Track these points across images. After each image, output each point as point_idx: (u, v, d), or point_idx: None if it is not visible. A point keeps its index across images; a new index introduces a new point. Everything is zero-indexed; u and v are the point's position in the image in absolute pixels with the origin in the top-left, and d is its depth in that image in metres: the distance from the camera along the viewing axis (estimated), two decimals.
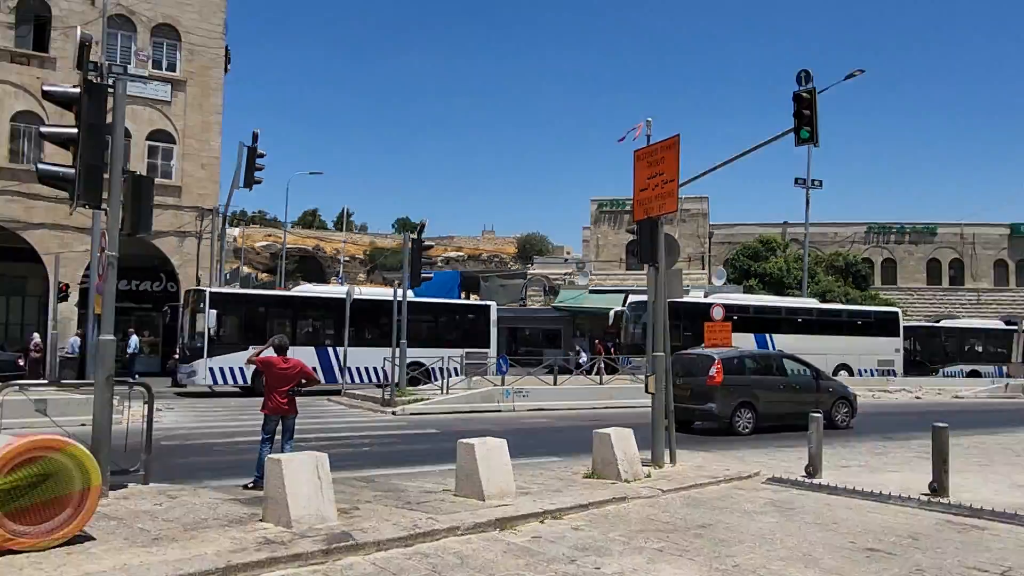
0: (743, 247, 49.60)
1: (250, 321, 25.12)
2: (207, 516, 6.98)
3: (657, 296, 11.07)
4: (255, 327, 24.34)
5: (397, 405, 20.27)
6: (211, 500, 7.80)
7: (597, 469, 9.66)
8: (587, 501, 8.09)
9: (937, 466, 9.09)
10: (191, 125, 31.56)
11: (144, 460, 8.60)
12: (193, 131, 31.66)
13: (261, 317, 25.45)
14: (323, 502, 6.71)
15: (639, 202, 10.94)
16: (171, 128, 31.13)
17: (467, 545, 6.46)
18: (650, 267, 11.14)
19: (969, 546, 6.67)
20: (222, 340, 23.48)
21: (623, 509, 8.07)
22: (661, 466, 10.44)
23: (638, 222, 11.13)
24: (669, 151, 10.48)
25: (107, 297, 7.87)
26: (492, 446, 8.21)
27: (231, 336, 24.08)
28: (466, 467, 8.13)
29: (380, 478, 10.01)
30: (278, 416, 8.96)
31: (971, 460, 12.31)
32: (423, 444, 14.04)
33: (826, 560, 6.16)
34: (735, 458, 12.12)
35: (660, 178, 10.54)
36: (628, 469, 9.47)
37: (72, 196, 7.67)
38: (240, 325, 24.87)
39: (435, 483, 9.24)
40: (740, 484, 9.78)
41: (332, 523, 6.59)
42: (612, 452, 9.52)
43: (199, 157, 31.83)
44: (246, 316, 25.39)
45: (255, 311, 25.84)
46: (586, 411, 21.18)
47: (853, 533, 7.15)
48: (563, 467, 10.70)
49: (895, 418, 21.22)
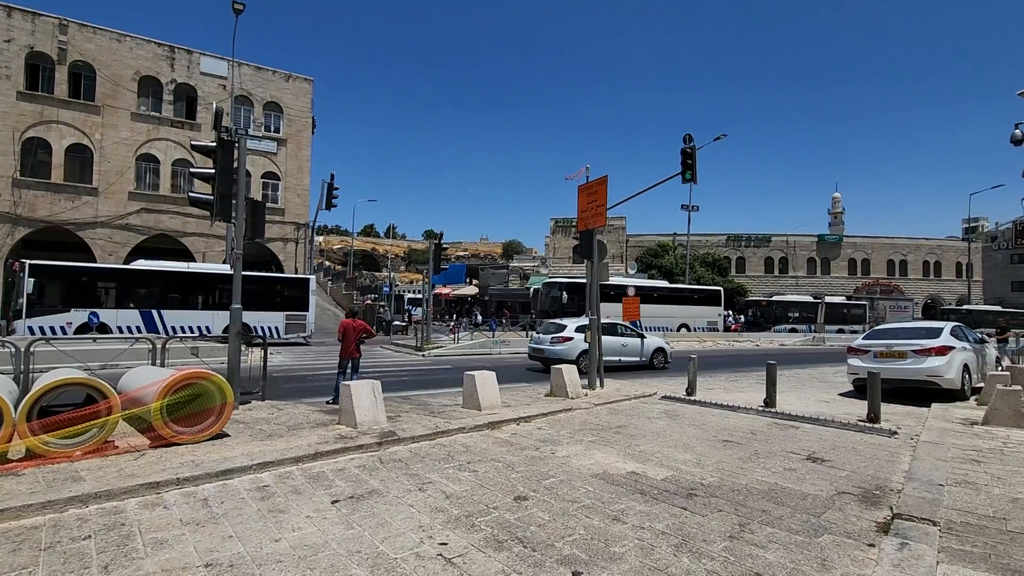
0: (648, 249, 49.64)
1: (72, 288, 19.45)
2: (302, 421, 6.99)
3: (592, 280, 11.08)
4: (79, 293, 19.38)
5: (425, 350, 20.27)
6: (305, 411, 7.80)
7: (553, 390, 9.72)
8: (547, 411, 8.13)
9: (769, 388, 9.21)
10: (290, 168, 31.09)
11: (262, 385, 8.59)
12: (291, 172, 31.17)
13: (83, 285, 19.71)
14: (378, 412, 6.74)
15: (581, 219, 10.93)
16: (277, 170, 30.68)
17: (470, 438, 6.51)
18: (588, 261, 11.18)
19: (788, 439, 6.78)
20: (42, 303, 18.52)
21: (570, 416, 8.12)
22: (594, 389, 10.49)
23: (580, 232, 11.14)
24: (601, 186, 10.45)
25: (236, 280, 7.80)
26: (486, 376, 8.26)
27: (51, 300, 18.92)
28: (469, 389, 8.17)
29: (414, 397, 10.01)
30: (348, 358, 9.09)
31: (790, 384, 12.44)
32: (442, 375, 14.07)
33: (697, 447, 6.26)
34: (642, 384, 12.13)
35: (595, 203, 10.51)
36: (573, 391, 9.53)
37: (212, 214, 7.58)
38: (62, 291, 19.34)
39: (449, 399, 9.27)
40: (644, 400, 9.82)
41: (384, 426, 6.62)
42: (563, 380, 9.57)
43: (295, 189, 31.36)
44: (68, 284, 19.51)
45: (77, 280, 19.64)
46: None
47: (715, 429, 7.24)
48: (532, 389, 10.76)
49: (742, 359, 21.39)
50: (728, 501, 4.38)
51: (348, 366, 9.12)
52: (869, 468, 5.45)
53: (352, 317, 9.36)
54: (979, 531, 3.69)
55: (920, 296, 53.85)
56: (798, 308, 44.04)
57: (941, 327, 10.63)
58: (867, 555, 3.40)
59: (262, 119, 30.34)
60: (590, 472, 5.14)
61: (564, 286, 29.78)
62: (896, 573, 3.05)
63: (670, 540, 3.58)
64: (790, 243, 55.30)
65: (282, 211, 30.69)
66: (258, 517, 3.90)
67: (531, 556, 3.32)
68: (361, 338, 9.24)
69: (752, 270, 54.39)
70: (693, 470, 5.27)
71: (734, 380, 13.65)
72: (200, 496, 4.32)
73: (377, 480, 4.80)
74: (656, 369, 16.39)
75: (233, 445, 5.60)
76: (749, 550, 3.45)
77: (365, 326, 9.39)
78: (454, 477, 4.94)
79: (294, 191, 31.28)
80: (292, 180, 31.20)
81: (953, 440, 6.48)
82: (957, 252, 56.32)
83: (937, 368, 9.69)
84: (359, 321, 9.33)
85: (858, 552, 3.45)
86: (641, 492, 4.57)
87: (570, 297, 28.65)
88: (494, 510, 4.10)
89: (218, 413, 5.79)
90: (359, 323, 9.26)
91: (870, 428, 7.34)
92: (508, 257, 69.35)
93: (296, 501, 4.24)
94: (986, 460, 5.59)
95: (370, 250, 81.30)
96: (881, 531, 3.78)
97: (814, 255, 55.39)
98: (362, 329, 9.25)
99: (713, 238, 54.56)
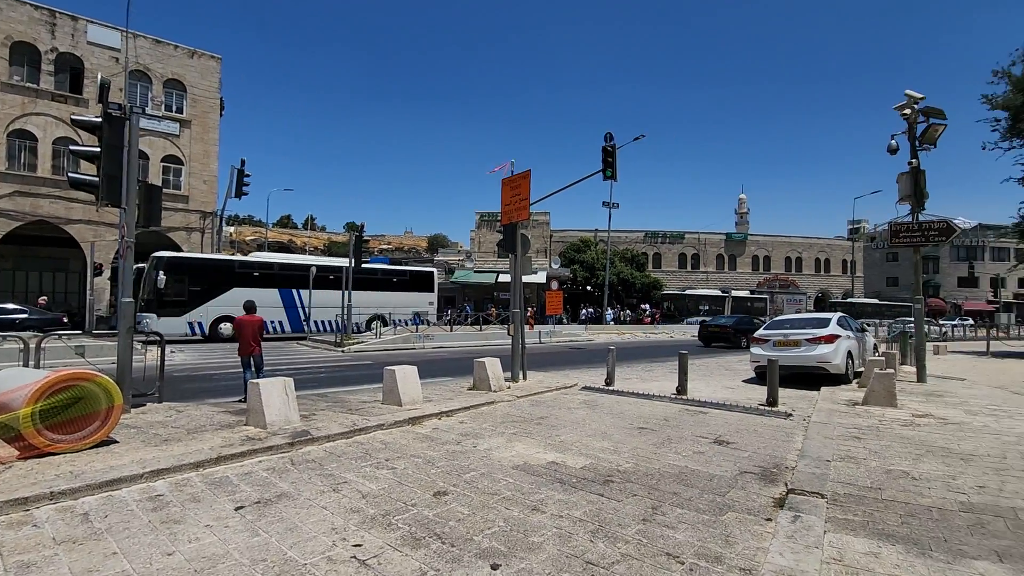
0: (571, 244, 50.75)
1: None
2: (205, 423, 6.47)
3: (515, 273, 11.15)
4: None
5: (345, 346, 19.55)
6: (209, 412, 7.23)
7: (476, 384, 9.66)
8: (469, 404, 8.06)
9: (681, 377, 9.69)
10: (195, 152, 28.71)
11: (158, 386, 7.87)
12: (197, 156, 28.80)
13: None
14: (290, 411, 6.38)
15: (505, 212, 10.94)
16: (180, 153, 28.24)
17: (389, 436, 6.31)
18: (512, 255, 11.23)
19: (697, 424, 7.14)
20: None
21: (492, 409, 8.10)
22: (517, 381, 10.58)
23: (504, 226, 11.15)
24: (524, 180, 10.51)
25: (126, 272, 7.07)
26: (407, 370, 8.04)
27: None
28: (389, 385, 7.93)
29: (331, 394, 9.61)
30: (248, 355, 8.62)
31: (700, 373, 13.19)
32: (362, 371, 13.61)
33: (615, 435, 6.45)
34: (563, 375, 12.40)
35: (518, 197, 10.55)
36: (496, 384, 9.54)
37: (97, 197, 6.83)
38: None
39: (370, 396, 8.97)
40: (566, 391, 9.99)
41: (296, 425, 6.27)
42: (486, 373, 9.55)
43: (202, 175, 29.00)
44: None
45: None
46: (471, 348, 21.21)
47: (632, 417, 7.49)
48: (455, 384, 10.62)
49: (658, 350, 22.36)
50: (642, 486, 4.54)
51: (251, 363, 8.60)
52: (768, 448, 5.87)
53: (249, 312, 8.80)
54: (859, 501, 4.07)
55: (813, 290, 59.10)
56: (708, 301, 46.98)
57: (829, 318, 11.69)
58: (765, 529, 3.64)
59: (162, 97, 27.83)
60: (511, 464, 5.15)
61: (170, 264, 21.20)
62: (789, 544, 3.28)
63: (587, 527, 3.65)
64: (701, 240, 58.67)
65: (186, 198, 28.36)
66: (149, 530, 3.55)
67: (449, 552, 3.25)
68: (260, 334, 8.75)
69: (667, 265, 57.19)
70: (610, 457, 5.43)
71: (650, 370, 14.26)
72: (79, 511, 3.87)
73: (287, 483, 4.53)
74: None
75: (122, 452, 5.07)
76: (661, 531, 3.58)
77: (262, 321, 8.91)
78: (371, 475, 4.77)
79: (199, 177, 28.96)
80: (197, 165, 28.87)
81: (838, 420, 7.14)
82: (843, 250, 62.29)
83: (825, 355, 10.64)
84: (256, 316, 8.79)
85: (757, 527, 3.69)
86: (560, 481, 4.64)
87: (173, 279, 20.93)
88: (412, 507, 3.99)
89: (103, 418, 5.22)
90: (256, 318, 8.72)
91: (769, 411, 7.93)
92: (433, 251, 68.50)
93: (194, 510, 3.90)
94: (865, 437, 6.20)
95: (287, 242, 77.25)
96: (777, 506, 4.07)
97: (722, 252, 59.09)
98: (260, 325, 8.76)
99: (632, 234, 56.76)
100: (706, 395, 9.44)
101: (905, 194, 11.32)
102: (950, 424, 6.94)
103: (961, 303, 57.69)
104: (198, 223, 28.78)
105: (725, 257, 59.16)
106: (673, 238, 58.22)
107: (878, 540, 3.37)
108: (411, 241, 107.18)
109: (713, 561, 3.16)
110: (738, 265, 59.17)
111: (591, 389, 10.14)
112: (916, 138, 11.17)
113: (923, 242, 11.34)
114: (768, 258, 60.16)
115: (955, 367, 15.22)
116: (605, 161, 13.26)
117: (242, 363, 8.66)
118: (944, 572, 2.96)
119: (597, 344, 25.45)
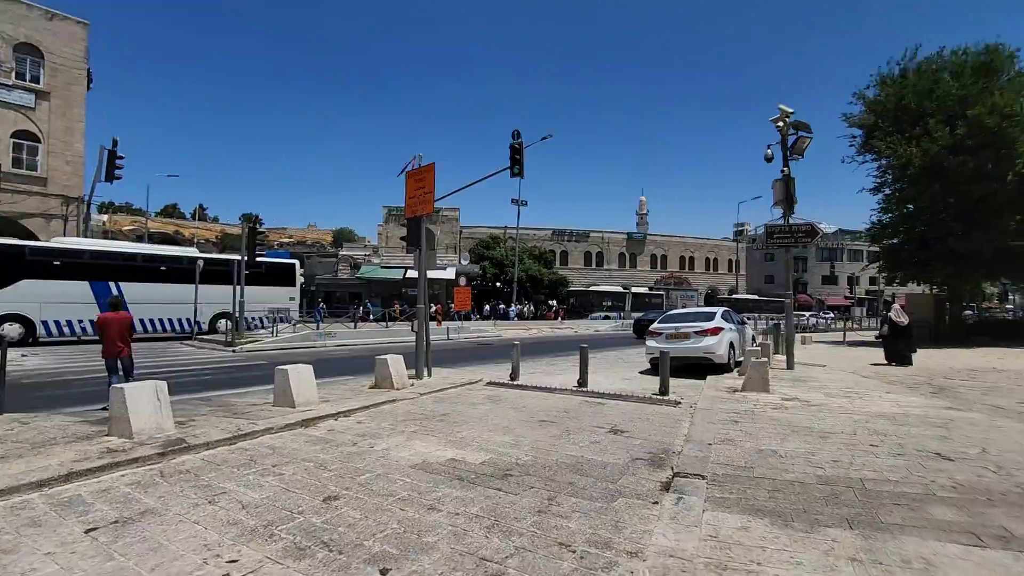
0: (480, 241, 50.97)
1: None
2: (56, 436, 5.66)
3: (420, 268, 10.93)
4: None
5: (237, 345, 18.15)
6: (62, 423, 6.35)
7: (378, 382, 9.35)
8: (369, 403, 7.77)
9: (582, 370, 9.98)
10: (55, 128, 25.18)
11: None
12: (57, 134, 25.27)
13: None
14: (162, 417, 5.76)
15: (409, 205, 10.68)
16: (36, 129, 24.65)
17: (279, 439, 5.91)
18: (416, 249, 10.98)
19: (596, 415, 7.39)
20: None
21: (394, 407, 7.86)
22: (421, 378, 10.38)
23: (408, 219, 10.89)
24: (428, 172, 10.30)
25: None
26: (301, 369, 7.58)
27: None
28: (281, 385, 7.44)
29: (216, 398, 8.84)
30: (114, 358, 7.62)
31: (601, 366, 13.73)
32: (255, 372, 12.69)
33: (516, 429, 6.50)
34: (470, 371, 12.37)
35: (422, 190, 10.33)
36: (399, 381, 9.30)
37: None
38: None
39: (260, 399, 8.34)
40: (470, 387, 9.94)
41: (170, 433, 5.67)
42: (388, 370, 9.27)
43: (64, 155, 25.47)
44: None
45: None
46: (376, 345, 20.57)
47: (534, 411, 7.59)
48: (356, 382, 10.17)
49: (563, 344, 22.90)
50: (540, 478, 4.60)
51: (118, 367, 7.64)
52: (658, 435, 6.20)
53: (115, 308, 7.82)
54: (734, 480, 4.40)
55: (703, 287, 63.84)
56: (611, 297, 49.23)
57: (714, 312, 12.65)
58: (652, 512, 3.82)
59: (12, 63, 24.17)
60: (409, 463, 5.01)
61: None
62: (672, 525, 3.46)
63: (483, 522, 3.62)
64: (605, 239, 61.27)
65: (44, 180, 24.89)
66: None
67: (336, 560, 3.07)
68: (129, 333, 7.77)
69: (574, 263, 59.08)
70: (511, 451, 5.45)
71: (554, 364, 14.62)
72: None
73: (154, 498, 4.07)
74: None
75: None
76: (555, 522, 3.63)
77: (130, 319, 7.91)
78: (255, 483, 4.42)
79: (61, 157, 25.50)
80: (59, 143, 25.40)
81: (720, 406, 7.72)
82: (729, 251, 67.95)
83: (711, 346, 11.49)
84: (123, 313, 7.80)
85: (645, 511, 3.86)
86: (459, 478, 4.58)
87: None
88: (299, 515, 3.74)
89: None
90: (122, 315, 7.73)
91: (661, 400, 8.41)
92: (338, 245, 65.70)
93: (33, 536, 3.38)
94: (742, 420, 6.75)
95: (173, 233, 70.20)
96: (664, 489, 4.29)
97: (624, 250, 62.11)
98: (127, 323, 7.76)
99: (541, 232, 57.98)
100: (605, 387, 9.82)
101: (778, 199, 12.50)
102: (812, 406, 7.75)
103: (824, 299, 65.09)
104: (59, 209, 25.35)
105: (627, 255, 62.19)
106: (579, 236, 60.25)
107: (749, 515, 3.65)
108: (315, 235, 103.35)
109: (603, 547, 3.25)
110: (638, 263, 62.49)
111: (496, 384, 10.17)
112: (788, 149, 12.37)
113: (793, 243, 12.60)
114: (665, 257, 64.11)
115: (818, 355, 17.09)
116: (512, 159, 13.42)
117: (107, 367, 7.62)
118: (803, 541, 3.25)
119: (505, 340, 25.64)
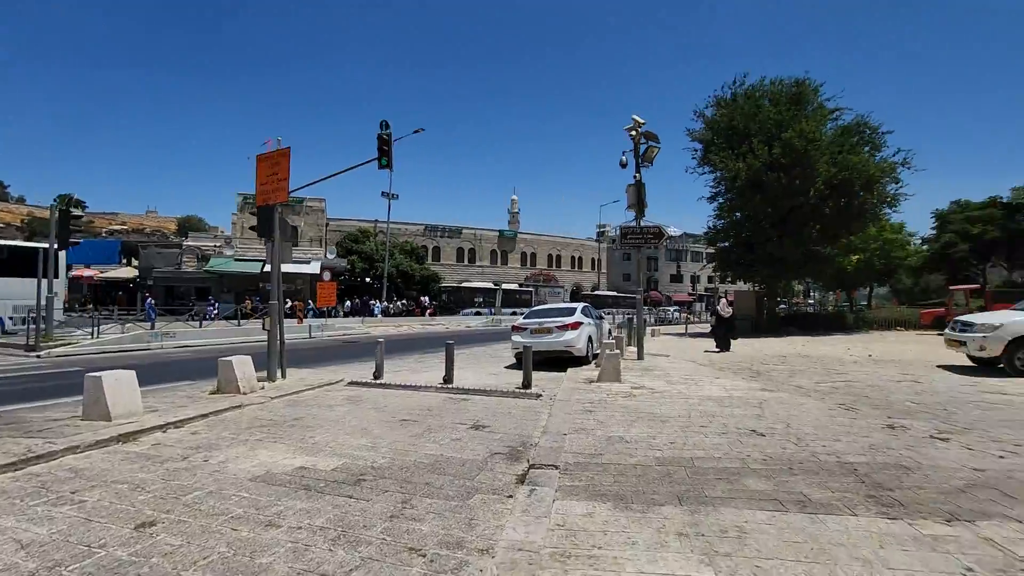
0: (349, 234, 48.69)
1: None
2: None
3: (273, 261, 10.05)
4: None
5: (43, 349, 15.24)
6: None
7: (221, 387, 8.40)
8: (208, 411, 6.94)
9: (448, 366, 9.93)
10: None
11: None
12: None
13: None
14: None
15: (260, 193, 9.75)
16: None
17: (85, 460, 5.01)
18: (268, 241, 10.08)
19: (460, 411, 7.34)
20: None
21: (238, 414, 7.11)
22: (274, 380, 9.58)
23: (259, 207, 9.95)
24: (283, 157, 9.48)
25: None
26: (120, 376, 6.54)
27: None
28: (93, 395, 6.34)
29: (8, 413, 7.31)
30: None
31: (469, 361, 13.78)
32: (63, 381, 10.71)
33: (375, 430, 6.23)
34: (331, 371, 11.71)
35: (276, 176, 9.47)
36: (246, 384, 8.44)
37: None
38: None
39: (65, 412, 7.03)
40: (330, 388, 9.38)
41: None
42: (233, 373, 8.37)
43: None
44: None
45: None
46: (225, 345, 18.62)
47: (395, 410, 7.34)
48: (194, 388, 9.07)
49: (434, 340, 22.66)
50: (395, 480, 4.42)
51: None
52: (519, 428, 6.33)
53: None
54: (584, 468, 4.62)
55: (569, 284, 67.38)
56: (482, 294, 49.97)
57: (575, 307, 13.34)
58: (506, 506, 3.85)
59: None
60: (249, 476, 4.54)
61: None
62: (524, 518, 3.51)
63: (328, 535, 3.37)
64: (478, 236, 61.95)
65: None
66: None
67: None
68: None
69: (446, 259, 58.94)
70: (366, 454, 5.19)
71: (422, 361, 14.37)
72: None
73: None
74: None
75: None
76: (407, 526, 3.50)
77: None
78: (43, 516, 3.67)
79: None
80: None
81: (577, 396, 8.12)
82: (592, 250, 72.55)
83: (571, 340, 12.10)
84: None
85: (499, 505, 3.87)
86: (306, 488, 4.24)
87: None
88: (100, 550, 3.17)
89: None
90: None
91: (523, 394, 8.63)
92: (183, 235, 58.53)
93: None
94: (595, 409, 7.15)
95: None
96: (519, 482, 4.36)
97: (496, 248, 63.35)
98: None
99: (412, 227, 56.94)
100: (471, 382, 9.86)
101: (631, 203, 13.53)
102: (656, 393, 8.48)
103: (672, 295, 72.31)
104: None
105: (499, 252, 63.48)
106: (452, 232, 60.22)
107: (594, 501, 3.84)
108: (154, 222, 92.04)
109: (455, 547, 3.18)
110: (509, 260, 64.10)
111: (358, 384, 9.73)
112: (639, 156, 13.43)
113: (644, 244, 13.73)
114: (534, 255, 66.53)
115: (665, 346, 18.87)
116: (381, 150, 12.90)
117: None
118: (639, 521, 3.49)
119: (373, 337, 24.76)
